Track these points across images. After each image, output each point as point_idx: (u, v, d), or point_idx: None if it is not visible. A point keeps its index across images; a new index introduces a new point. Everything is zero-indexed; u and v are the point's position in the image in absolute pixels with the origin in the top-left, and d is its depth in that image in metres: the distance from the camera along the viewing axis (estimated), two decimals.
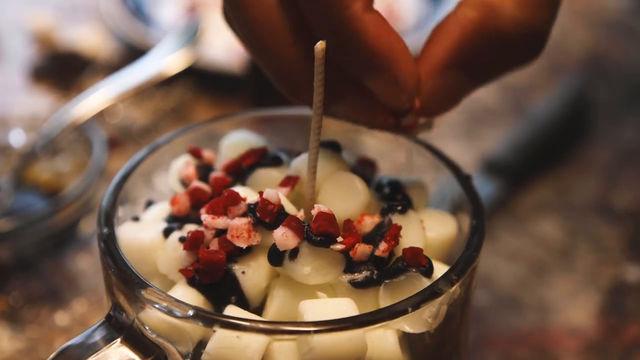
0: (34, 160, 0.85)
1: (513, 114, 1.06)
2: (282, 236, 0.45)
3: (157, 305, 0.44)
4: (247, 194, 0.50)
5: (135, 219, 0.53)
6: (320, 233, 0.46)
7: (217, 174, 0.53)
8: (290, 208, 0.49)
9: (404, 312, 0.44)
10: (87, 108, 0.86)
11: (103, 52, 1.13)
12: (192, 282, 0.47)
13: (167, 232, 0.50)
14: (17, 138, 0.87)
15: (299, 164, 0.52)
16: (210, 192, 0.52)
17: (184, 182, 0.54)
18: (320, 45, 0.45)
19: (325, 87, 0.47)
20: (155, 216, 0.53)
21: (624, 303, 0.79)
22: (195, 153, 0.55)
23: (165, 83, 1.02)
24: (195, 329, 0.45)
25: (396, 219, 0.49)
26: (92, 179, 0.79)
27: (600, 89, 1.10)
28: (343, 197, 0.50)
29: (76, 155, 0.86)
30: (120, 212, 0.52)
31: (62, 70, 1.10)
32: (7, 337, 0.73)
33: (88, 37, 1.15)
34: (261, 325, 0.44)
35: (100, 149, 0.83)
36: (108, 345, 0.45)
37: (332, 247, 0.46)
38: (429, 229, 0.52)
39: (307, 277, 0.46)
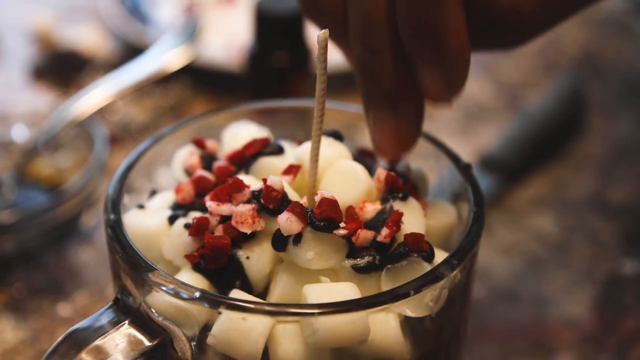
0: (35, 156, 0.85)
1: (508, 111, 1.07)
2: (287, 221, 0.46)
3: (164, 288, 0.45)
4: (250, 181, 0.50)
5: (141, 206, 0.53)
6: (323, 218, 0.46)
7: (220, 163, 0.54)
8: (293, 195, 0.49)
9: (406, 295, 0.45)
10: (88, 105, 0.87)
11: (102, 51, 1.14)
12: (197, 268, 0.48)
13: (172, 219, 0.51)
14: (19, 134, 0.88)
15: (302, 152, 0.52)
16: (214, 181, 0.53)
17: (188, 172, 0.55)
18: (323, 34, 0.46)
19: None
20: (160, 204, 0.54)
21: (619, 297, 0.80)
22: (199, 143, 0.56)
23: (163, 81, 1.02)
24: (201, 312, 0.45)
25: (397, 205, 0.50)
26: (93, 174, 0.80)
27: (595, 86, 1.11)
28: (345, 185, 0.50)
29: (77, 151, 0.86)
30: (126, 199, 0.53)
31: (62, 69, 1.11)
32: (10, 327, 0.74)
33: (87, 37, 1.16)
34: (266, 307, 0.44)
35: (101, 144, 0.83)
36: (115, 328, 0.46)
37: (335, 232, 0.46)
38: (429, 217, 0.53)
39: (310, 262, 0.47)
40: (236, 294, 0.47)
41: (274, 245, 0.48)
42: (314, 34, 1.03)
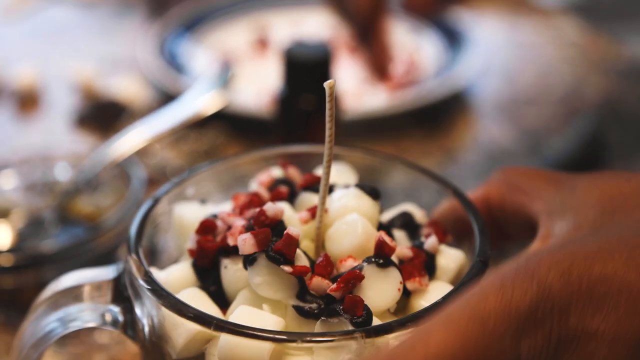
0: (77, 195, 0.90)
1: (530, 155, 1.10)
2: (242, 241, 0.48)
3: (141, 281, 0.50)
4: (287, 210, 0.52)
5: (203, 201, 0.58)
6: (276, 251, 0.48)
7: (281, 187, 0.56)
8: (294, 225, 0.51)
9: (311, 342, 0.45)
10: (126, 147, 0.91)
11: (140, 100, 1.20)
12: (194, 262, 0.53)
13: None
14: (62, 174, 0.93)
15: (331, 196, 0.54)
16: (268, 199, 0.55)
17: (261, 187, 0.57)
18: (329, 83, 0.48)
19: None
20: (219, 207, 0.57)
21: None
22: (283, 166, 0.59)
23: (198, 126, 1.07)
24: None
25: (371, 269, 0.49)
26: (129, 210, 0.83)
27: (614, 131, 1.13)
28: (342, 236, 0.51)
29: (116, 190, 0.90)
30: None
31: (103, 117, 1.17)
32: (51, 352, 0.77)
33: (126, 87, 1.22)
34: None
35: (138, 182, 0.87)
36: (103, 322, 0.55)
37: (282, 266, 0.47)
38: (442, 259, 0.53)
39: (258, 287, 0.48)
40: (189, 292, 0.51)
41: (243, 260, 0.50)
42: (339, 77, 1.08)
